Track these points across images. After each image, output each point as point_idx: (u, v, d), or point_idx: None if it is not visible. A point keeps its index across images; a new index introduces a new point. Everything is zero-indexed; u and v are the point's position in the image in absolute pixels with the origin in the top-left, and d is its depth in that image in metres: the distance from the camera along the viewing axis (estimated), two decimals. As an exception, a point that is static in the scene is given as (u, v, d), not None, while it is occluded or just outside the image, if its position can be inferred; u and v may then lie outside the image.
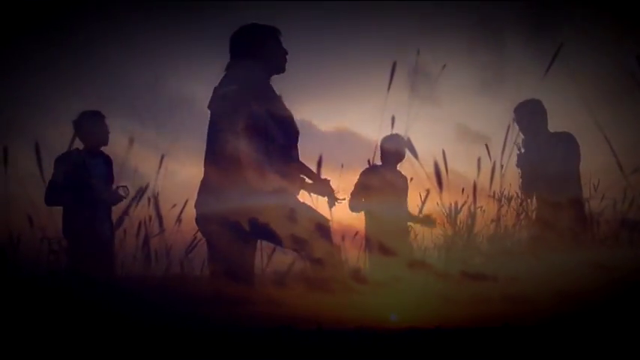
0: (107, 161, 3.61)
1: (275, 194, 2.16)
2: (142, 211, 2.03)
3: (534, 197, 3.30)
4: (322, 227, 2.25)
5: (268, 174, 2.15)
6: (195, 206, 2.26)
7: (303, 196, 2.41)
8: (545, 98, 3.39)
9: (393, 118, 1.72)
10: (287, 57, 2.38)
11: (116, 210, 3.44)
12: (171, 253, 2.30)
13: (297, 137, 2.38)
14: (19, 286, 2.29)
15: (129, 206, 1.55)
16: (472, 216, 2.38)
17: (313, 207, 2.38)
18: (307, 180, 2.43)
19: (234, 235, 2.11)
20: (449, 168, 1.86)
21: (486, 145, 2.58)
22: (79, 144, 3.52)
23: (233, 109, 2.16)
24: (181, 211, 2.24)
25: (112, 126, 3.60)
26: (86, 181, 3.43)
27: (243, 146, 2.13)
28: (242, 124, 2.15)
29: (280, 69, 2.37)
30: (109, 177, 3.58)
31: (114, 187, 3.42)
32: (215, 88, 2.30)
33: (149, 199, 1.88)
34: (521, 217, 3.04)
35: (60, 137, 3.36)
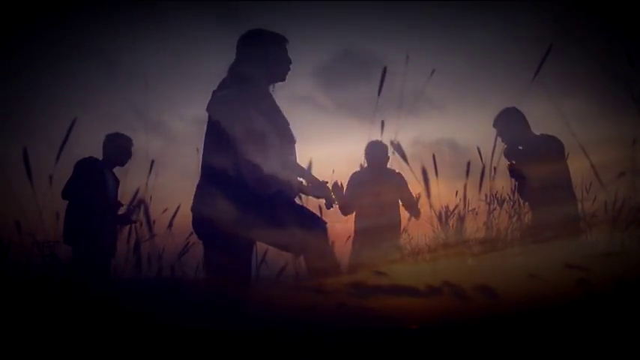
0: (117, 180, 3.75)
1: (272, 197, 2.17)
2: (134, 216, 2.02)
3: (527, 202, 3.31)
4: (318, 229, 2.26)
5: (265, 176, 2.16)
6: (192, 209, 2.26)
7: (299, 198, 2.42)
8: (532, 101, 3.39)
9: (382, 123, 1.72)
10: (290, 67, 2.39)
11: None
12: (163, 257, 2.29)
13: (294, 140, 2.39)
14: (14, 290, 2.29)
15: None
16: (461, 219, 2.39)
17: (309, 209, 2.38)
18: (304, 182, 2.44)
19: (230, 237, 2.11)
20: (441, 172, 1.86)
21: (478, 148, 2.59)
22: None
23: (231, 112, 2.16)
24: (173, 216, 2.24)
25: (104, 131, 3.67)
26: (102, 191, 3.55)
27: (240, 149, 2.14)
28: (240, 127, 2.15)
29: (282, 78, 2.38)
30: (117, 196, 3.70)
31: (126, 208, 3.55)
32: (214, 91, 2.31)
33: (140, 205, 1.87)
34: (514, 219, 3.05)
35: (49, 144, 3.35)
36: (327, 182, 2.47)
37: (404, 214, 3.88)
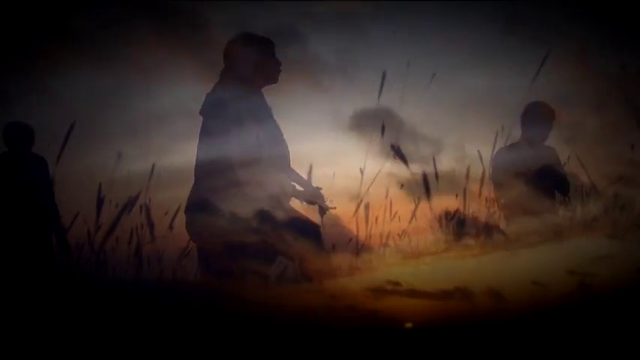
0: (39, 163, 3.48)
1: (266, 200, 2.17)
2: (134, 218, 2.03)
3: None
4: (312, 233, 2.27)
5: (259, 180, 2.17)
6: (185, 211, 2.28)
7: (294, 203, 2.42)
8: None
9: (382, 127, 1.74)
10: (280, 68, 2.40)
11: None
12: (164, 259, 2.30)
13: (286, 145, 2.40)
14: (16, 290, 2.30)
15: (119, 217, 1.54)
16: (462, 222, 2.40)
17: (304, 213, 2.39)
18: (298, 187, 2.45)
19: (223, 239, 2.12)
20: (442, 174, 1.87)
21: (479, 152, 2.60)
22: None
23: (225, 116, 2.18)
24: (173, 218, 2.25)
25: (104, 133, 3.56)
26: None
27: (234, 152, 2.15)
28: (233, 130, 2.16)
29: (273, 80, 2.39)
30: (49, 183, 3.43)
31: None
32: (207, 94, 2.32)
33: (141, 207, 1.88)
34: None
35: (49, 145, 3.35)
36: (321, 188, 2.47)
37: None
